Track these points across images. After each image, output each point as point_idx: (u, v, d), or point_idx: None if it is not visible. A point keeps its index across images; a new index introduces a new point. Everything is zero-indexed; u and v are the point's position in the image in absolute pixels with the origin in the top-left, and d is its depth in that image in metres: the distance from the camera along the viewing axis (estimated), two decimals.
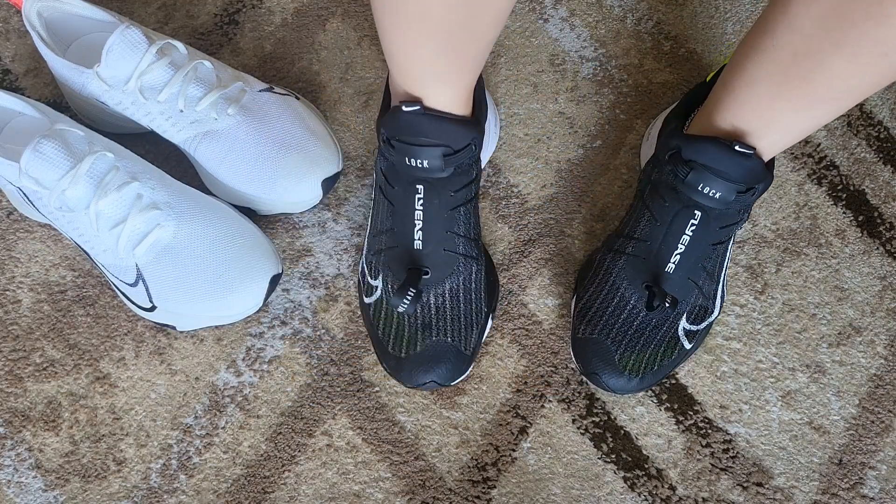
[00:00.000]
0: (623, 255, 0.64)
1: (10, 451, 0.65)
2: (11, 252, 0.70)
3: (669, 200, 0.62)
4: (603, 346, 0.62)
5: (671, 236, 0.62)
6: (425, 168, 0.59)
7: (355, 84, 0.77)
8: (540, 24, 0.79)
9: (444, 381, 0.63)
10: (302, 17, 0.79)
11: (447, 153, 0.59)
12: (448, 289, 0.63)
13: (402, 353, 0.62)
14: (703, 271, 0.63)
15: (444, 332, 0.62)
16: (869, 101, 0.76)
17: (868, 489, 0.65)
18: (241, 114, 0.67)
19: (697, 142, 0.59)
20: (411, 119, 0.57)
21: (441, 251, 0.62)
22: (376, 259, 0.64)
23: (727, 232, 0.62)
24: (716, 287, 0.64)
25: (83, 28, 0.71)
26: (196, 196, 0.66)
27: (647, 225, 0.63)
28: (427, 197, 0.61)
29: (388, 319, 0.64)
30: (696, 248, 0.62)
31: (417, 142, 0.58)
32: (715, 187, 0.59)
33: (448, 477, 0.65)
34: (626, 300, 0.63)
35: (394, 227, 0.62)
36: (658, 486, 0.65)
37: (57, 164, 0.60)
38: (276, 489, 0.65)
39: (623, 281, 0.63)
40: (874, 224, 0.72)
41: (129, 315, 0.69)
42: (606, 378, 0.62)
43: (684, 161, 0.60)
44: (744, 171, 0.58)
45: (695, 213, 0.61)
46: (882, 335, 0.69)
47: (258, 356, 0.68)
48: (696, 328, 0.64)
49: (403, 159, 0.59)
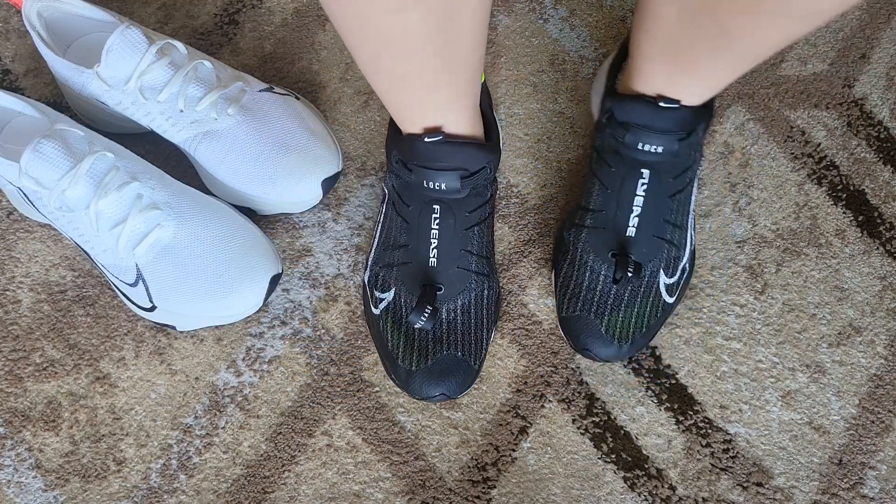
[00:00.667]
0: (584, 229, 0.64)
1: (10, 451, 0.65)
2: (11, 252, 0.70)
3: (615, 165, 0.61)
4: (587, 320, 0.63)
5: (624, 201, 0.62)
6: (442, 190, 0.60)
7: (355, 84, 0.77)
8: (540, 24, 0.79)
9: (452, 393, 0.63)
10: (302, 17, 0.79)
11: (464, 175, 0.59)
12: (460, 305, 0.63)
13: (412, 367, 0.63)
14: (669, 224, 0.63)
15: (455, 346, 0.63)
16: (869, 100, 0.76)
17: (868, 489, 0.65)
18: (241, 114, 0.67)
19: (625, 102, 0.59)
20: (431, 147, 0.57)
21: (455, 269, 0.63)
22: (386, 272, 0.65)
23: (683, 179, 0.62)
24: (685, 234, 0.64)
25: (83, 28, 0.71)
26: (196, 196, 0.66)
27: (598, 194, 0.63)
28: (443, 217, 0.61)
29: (398, 332, 0.64)
30: (654, 205, 0.61)
31: (435, 166, 0.59)
32: (654, 143, 0.59)
33: (448, 477, 0.65)
34: (596, 272, 0.63)
35: (408, 243, 0.63)
36: (658, 486, 0.65)
37: (57, 164, 0.60)
38: (276, 489, 0.65)
39: (589, 254, 0.63)
40: (874, 224, 0.72)
41: (129, 315, 0.69)
42: (598, 350, 0.63)
43: (619, 123, 0.60)
44: (677, 122, 0.58)
45: (642, 173, 0.61)
46: (882, 335, 0.69)
47: (258, 356, 0.68)
48: (674, 280, 0.64)
49: (420, 181, 0.60)
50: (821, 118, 0.76)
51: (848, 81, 0.77)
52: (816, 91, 0.77)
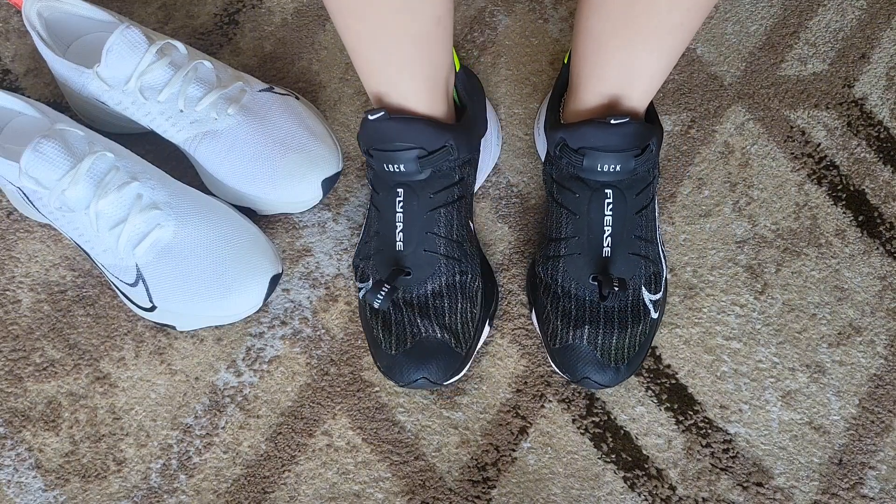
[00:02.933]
0: (560, 259, 0.64)
1: (10, 451, 0.65)
2: (11, 252, 0.70)
3: (578, 190, 0.62)
4: (580, 349, 0.62)
5: (595, 222, 0.62)
6: (402, 172, 0.60)
7: (355, 84, 0.77)
8: (540, 24, 0.79)
9: (435, 378, 0.63)
10: (302, 17, 0.79)
11: (421, 155, 0.59)
12: (431, 289, 0.63)
13: (392, 351, 0.63)
14: (640, 240, 0.63)
15: (432, 328, 0.63)
16: (869, 100, 0.76)
17: (868, 489, 0.65)
18: (241, 114, 0.67)
19: (577, 128, 0.59)
20: (378, 126, 0.58)
21: (421, 252, 0.62)
22: (364, 263, 0.65)
23: (645, 195, 0.63)
24: (656, 248, 0.65)
25: (83, 28, 0.71)
26: (196, 196, 0.66)
27: (567, 222, 0.63)
28: (406, 199, 0.62)
29: (376, 318, 0.64)
30: (623, 223, 0.62)
31: (391, 147, 0.59)
32: (611, 162, 0.60)
33: (448, 477, 0.65)
34: (581, 299, 0.63)
35: (380, 230, 0.63)
36: (658, 486, 0.65)
37: (57, 164, 0.60)
38: (276, 489, 0.65)
39: (570, 283, 0.63)
40: (874, 224, 0.72)
41: (129, 315, 0.69)
42: (597, 377, 0.62)
43: (574, 150, 0.60)
44: (630, 139, 0.59)
45: (606, 193, 0.61)
46: (882, 335, 0.69)
47: (258, 356, 0.68)
48: (658, 297, 0.65)
49: (382, 166, 0.60)
50: (821, 118, 0.76)
51: (848, 81, 0.77)
52: (816, 91, 0.77)
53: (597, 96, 0.60)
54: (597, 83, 0.59)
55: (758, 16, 0.80)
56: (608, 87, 0.59)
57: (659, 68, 0.57)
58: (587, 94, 0.61)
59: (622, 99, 0.59)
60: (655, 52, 0.55)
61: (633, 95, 0.59)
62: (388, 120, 0.58)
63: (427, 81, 0.58)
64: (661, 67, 0.57)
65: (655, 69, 0.57)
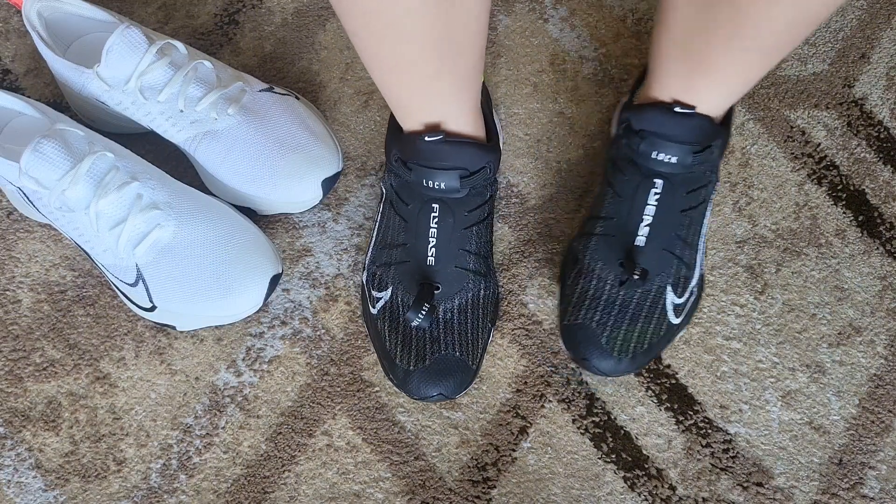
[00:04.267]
0: (592, 237, 0.63)
1: (10, 451, 0.65)
2: (11, 252, 0.70)
3: (629, 173, 0.62)
4: (588, 329, 0.62)
5: (635, 209, 0.61)
6: (442, 189, 0.60)
7: (355, 84, 0.77)
8: (540, 24, 0.79)
9: (450, 393, 0.63)
10: (302, 17, 0.79)
11: (464, 175, 0.59)
12: (457, 304, 0.63)
13: (410, 367, 0.63)
14: (679, 240, 0.62)
15: (453, 346, 0.63)
16: (869, 100, 0.76)
17: (868, 489, 0.65)
18: (241, 114, 0.67)
19: (641, 110, 0.59)
20: (432, 146, 0.57)
21: (452, 268, 0.62)
22: (384, 272, 0.65)
23: (696, 196, 0.62)
24: (695, 254, 0.64)
25: (83, 28, 0.71)
26: (196, 196, 0.66)
27: (611, 202, 0.63)
28: (442, 216, 0.61)
29: (396, 332, 0.64)
30: (665, 217, 0.61)
31: (435, 165, 0.59)
32: (668, 152, 0.59)
33: (448, 477, 0.65)
34: (603, 280, 0.62)
35: (406, 242, 0.63)
36: (658, 486, 0.65)
37: (57, 164, 0.60)
38: (276, 489, 0.65)
39: (597, 262, 0.63)
40: (874, 224, 0.72)
41: (129, 315, 0.69)
42: (597, 361, 0.62)
43: (635, 132, 0.60)
44: (692, 131, 0.58)
45: (655, 182, 0.61)
46: (882, 335, 0.69)
47: (258, 356, 0.68)
48: (682, 301, 0.64)
49: (421, 181, 0.60)
50: (821, 118, 0.76)
51: (848, 81, 0.77)
52: (816, 91, 0.77)
53: (669, 85, 0.59)
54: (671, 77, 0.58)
55: None
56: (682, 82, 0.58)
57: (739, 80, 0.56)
58: (660, 81, 0.60)
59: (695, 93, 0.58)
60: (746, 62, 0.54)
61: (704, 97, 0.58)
62: (442, 144, 0.57)
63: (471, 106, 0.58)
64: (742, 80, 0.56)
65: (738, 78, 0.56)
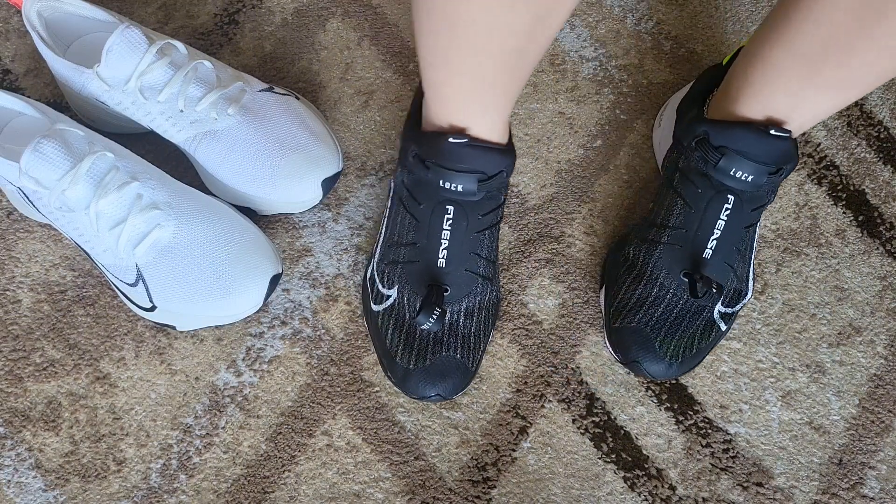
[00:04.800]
0: (658, 245, 0.64)
1: (10, 451, 0.65)
2: (11, 252, 0.70)
3: (702, 186, 0.62)
4: (642, 334, 0.63)
5: (707, 222, 0.62)
6: (458, 192, 0.60)
7: (355, 84, 0.77)
8: None
9: (448, 394, 0.63)
10: (302, 17, 0.79)
11: (482, 178, 0.59)
12: (464, 307, 0.63)
13: (410, 365, 0.63)
14: (737, 254, 0.63)
15: (455, 348, 0.63)
16: (869, 100, 0.76)
17: (868, 489, 0.65)
18: (241, 114, 0.67)
19: (729, 128, 0.59)
20: (455, 148, 0.57)
21: (463, 271, 0.62)
22: (391, 270, 0.64)
23: (757, 214, 0.63)
24: (747, 269, 0.65)
25: (83, 28, 0.71)
26: (196, 196, 0.66)
27: (681, 212, 0.64)
28: (456, 218, 0.61)
29: (399, 331, 0.64)
30: (731, 232, 0.62)
31: (455, 167, 0.58)
32: (747, 171, 0.60)
33: (448, 477, 0.65)
34: (665, 289, 0.63)
35: (416, 242, 0.63)
36: (658, 486, 0.65)
37: (57, 164, 0.60)
38: (276, 489, 0.65)
39: (661, 270, 0.64)
40: (874, 224, 0.72)
41: (129, 315, 0.69)
42: (648, 365, 0.63)
43: (714, 147, 0.60)
44: (777, 154, 0.59)
45: (728, 198, 0.62)
46: (882, 335, 0.69)
47: (258, 356, 0.68)
48: (731, 311, 0.65)
49: (438, 181, 0.59)
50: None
51: None
52: None
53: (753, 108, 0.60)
54: (757, 103, 0.59)
55: (758, 16, 0.80)
56: (769, 108, 0.59)
57: (827, 108, 0.57)
58: (744, 103, 0.60)
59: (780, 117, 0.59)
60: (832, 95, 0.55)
61: (790, 122, 0.59)
62: (467, 147, 0.57)
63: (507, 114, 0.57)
64: (829, 108, 0.57)
65: (823, 108, 0.57)
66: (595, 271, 0.70)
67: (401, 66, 0.77)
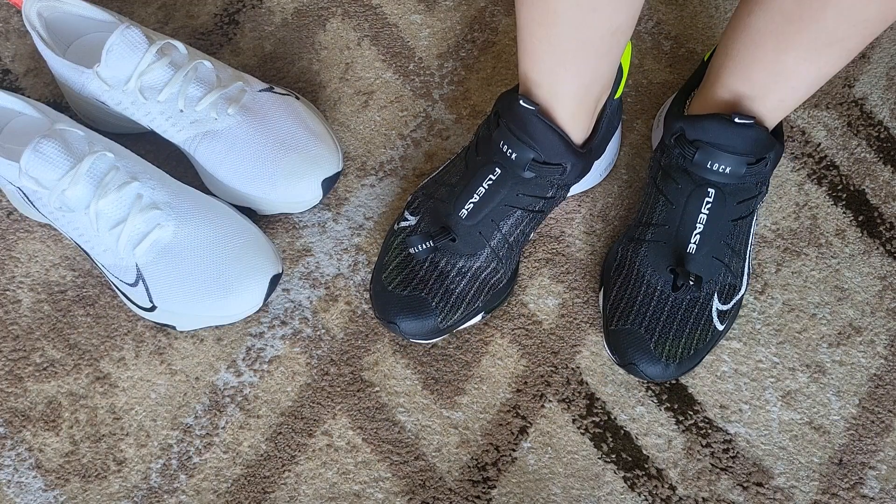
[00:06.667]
0: (643, 243, 0.64)
1: (10, 451, 0.65)
2: (11, 252, 0.70)
3: (681, 182, 0.62)
4: (636, 335, 0.63)
5: (688, 217, 0.62)
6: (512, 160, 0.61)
7: (355, 84, 0.77)
8: None
9: (407, 332, 0.64)
10: (302, 17, 0.79)
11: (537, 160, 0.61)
12: (461, 266, 0.64)
13: (390, 287, 0.64)
14: (728, 248, 0.63)
15: (433, 294, 0.64)
16: (869, 100, 0.76)
17: (868, 489, 0.65)
18: (241, 114, 0.67)
19: (698, 120, 0.60)
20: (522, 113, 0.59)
21: (476, 233, 0.63)
22: (423, 201, 0.66)
23: (746, 207, 0.63)
24: (742, 263, 0.65)
25: (83, 28, 0.71)
26: (196, 196, 0.66)
27: (662, 209, 0.64)
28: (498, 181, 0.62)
29: (399, 252, 0.65)
30: (716, 225, 0.62)
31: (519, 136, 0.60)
32: (723, 163, 0.60)
33: (448, 477, 0.65)
34: (653, 287, 0.63)
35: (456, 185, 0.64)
36: (658, 486, 0.65)
37: (57, 164, 0.60)
38: (276, 489, 0.65)
39: (647, 268, 0.64)
40: (874, 224, 0.72)
41: (129, 315, 0.69)
42: (644, 366, 0.63)
43: (689, 141, 0.61)
44: (748, 143, 0.59)
45: (708, 192, 0.62)
46: (882, 335, 0.69)
47: (258, 356, 0.68)
48: (727, 307, 0.65)
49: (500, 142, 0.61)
50: (821, 118, 0.76)
51: (848, 81, 0.77)
52: (817, 91, 0.77)
53: (729, 93, 0.60)
54: (736, 80, 0.59)
55: None
56: (746, 86, 0.59)
57: (804, 80, 0.57)
58: (721, 90, 0.61)
59: (755, 102, 0.59)
60: (808, 62, 0.55)
61: (767, 102, 0.59)
62: (534, 116, 0.58)
63: (581, 90, 0.58)
64: (807, 80, 0.57)
65: (801, 80, 0.57)
66: (595, 271, 0.70)
67: (401, 66, 0.77)
